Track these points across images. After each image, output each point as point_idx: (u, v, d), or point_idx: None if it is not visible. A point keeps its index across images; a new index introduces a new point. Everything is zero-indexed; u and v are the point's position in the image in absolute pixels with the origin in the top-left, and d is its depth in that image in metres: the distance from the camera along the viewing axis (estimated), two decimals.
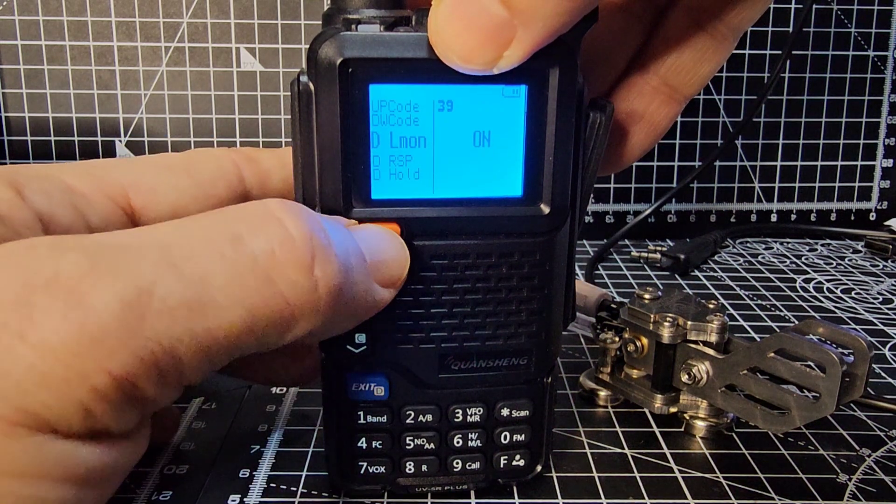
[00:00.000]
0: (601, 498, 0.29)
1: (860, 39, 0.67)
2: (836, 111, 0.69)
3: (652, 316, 0.34)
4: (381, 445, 0.28)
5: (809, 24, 0.67)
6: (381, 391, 0.27)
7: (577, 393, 0.38)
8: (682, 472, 0.31)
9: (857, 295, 0.54)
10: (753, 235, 0.69)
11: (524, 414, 0.28)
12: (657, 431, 0.34)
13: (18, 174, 0.25)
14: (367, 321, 0.24)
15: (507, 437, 0.28)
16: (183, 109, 0.65)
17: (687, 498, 0.29)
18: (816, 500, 0.29)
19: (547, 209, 0.25)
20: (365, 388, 0.27)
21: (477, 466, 0.29)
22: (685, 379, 0.33)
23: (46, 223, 0.25)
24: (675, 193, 0.67)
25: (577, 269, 0.47)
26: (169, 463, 0.31)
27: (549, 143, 0.25)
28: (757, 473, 0.31)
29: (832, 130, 0.69)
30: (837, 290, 0.55)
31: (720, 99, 0.68)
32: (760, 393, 0.30)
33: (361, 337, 0.26)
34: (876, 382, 0.40)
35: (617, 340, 0.36)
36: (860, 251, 0.65)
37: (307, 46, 0.23)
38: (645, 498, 0.29)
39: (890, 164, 0.70)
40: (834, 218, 0.70)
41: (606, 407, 0.36)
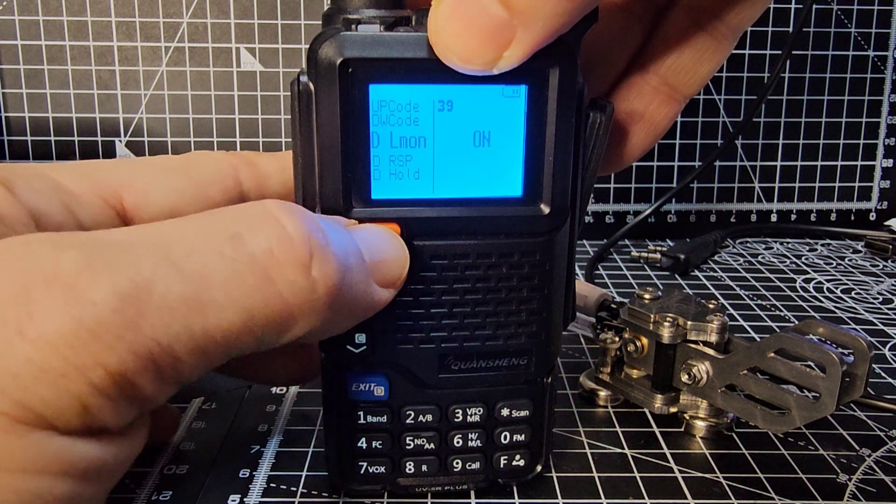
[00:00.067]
0: (601, 498, 0.29)
1: (860, 39, 0.67)
2: (836, 111, 0.69)
3: (652, 316, 0.34)
4: (381, 445, 0.28)
5: (809, 24, 0.67)
6: (381, 391, 0.27)
7: (577, 393, 0.38)
8: (682, 472, 0.31)
9: (857, 295, 0.54)
10: (753, 235, 0.69)
11: (524, 414, 0.28)
12: (657, 431, 0.34)
13: (9, 172, 0.25)
14: (367, 321, 0.24)
15: (507, 437, 0.28)
16: (183, 109, 0.65)
17: (687, 498, 0.29)
18: (816, 500, 0.29)
19: (547, 209, 0.25)
20: (365, 388, 0.27)
21: (477, 466, 0.29)
22: (685, 379, 0.33)
23: (38, 220, 0.25)
24: (675, 193, 0.67)
25: (577, 269, 0.47)
26: (169, 463, 0.31)
27: (549, 143, 0.25)
28: (757, 473, 0.31)
29: (832, 130, 0.69)
30: (837, 290, 0.55)
31: (720, 99, 0.68)
32: (760, 393, 0.30)
33: (361, 337, 0.26)
34: (876, 382, 0.40)
35: (617, 340, 0.36)
36: (860, 251, 0.65)
37: (307, 46, 0.23)
38: (645, 498, 0.29)
39: (890, 164, 0.70)
40: (834, 218, 0.70)
41: (606, 407, 0.36)
